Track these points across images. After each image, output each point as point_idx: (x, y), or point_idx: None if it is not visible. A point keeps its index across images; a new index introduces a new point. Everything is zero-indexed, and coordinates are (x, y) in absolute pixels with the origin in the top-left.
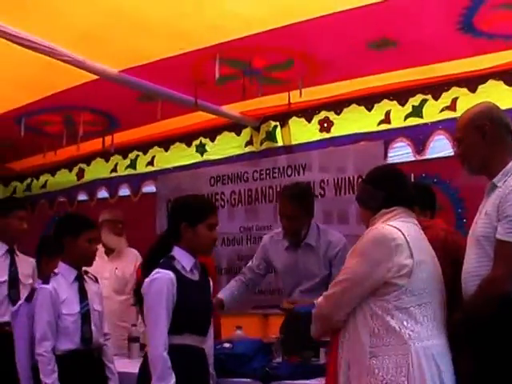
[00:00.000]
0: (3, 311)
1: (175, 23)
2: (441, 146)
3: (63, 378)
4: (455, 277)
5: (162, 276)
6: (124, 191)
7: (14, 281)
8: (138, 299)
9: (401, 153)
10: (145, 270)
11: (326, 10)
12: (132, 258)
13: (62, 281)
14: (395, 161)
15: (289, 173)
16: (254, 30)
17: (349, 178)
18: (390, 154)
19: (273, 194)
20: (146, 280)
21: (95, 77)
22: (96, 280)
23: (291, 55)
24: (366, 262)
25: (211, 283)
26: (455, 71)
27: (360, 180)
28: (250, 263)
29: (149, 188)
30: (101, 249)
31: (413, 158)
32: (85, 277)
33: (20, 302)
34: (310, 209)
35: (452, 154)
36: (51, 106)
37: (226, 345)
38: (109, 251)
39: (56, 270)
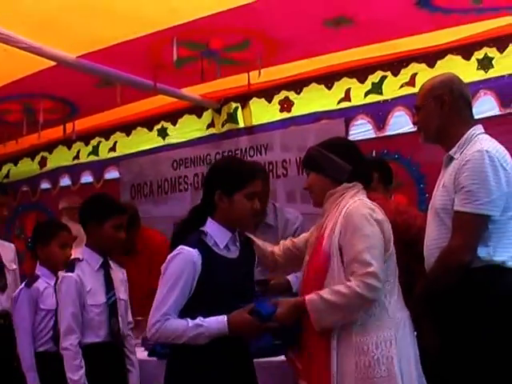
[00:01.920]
0: None
1: (131, 7)
2: (401, 122)
3: (86, 371)
4: (404, 256)
5: (185, 254)
6: (86, 178)
7: None
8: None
9: (362, 130)
10: (172, 245)
11: None
12: None
13: (87, 268)
14: (356, 138)
15: (251, 153)
16: (210, 11)
17: None
18: (350, 132)
19: None
20: (168, 256)
21: (53, 63)
22: (121, 265)
23: (248, 35)
24: (377, 239)
25: (256, 259)
26: (414, 47)
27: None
28: None
29: (112, 174)
30: None
31: (374, 135)
32: (110, 262)
33: (20, 287)
34: (269, 185)
35: (412, 130)
36: (9, 94)
37: None
38: None
39: (80, 256)
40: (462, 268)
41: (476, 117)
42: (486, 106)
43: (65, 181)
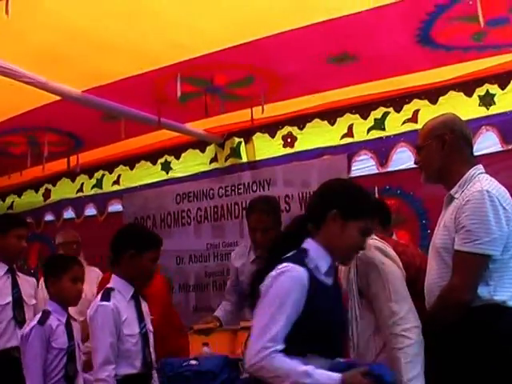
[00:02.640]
0: (10, 335)
1: (136, 42)
2: (403, 158)
3: None
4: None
5: (293, 272)
6: (90, 211)
7: (18, 302)
8: (252, 298)
9: (364, 166)
10: (268, 259)
11: (286, 27)
12: (93, 277)
13: (120, 297)
14: (359, 174)
15: (254, 188)
16: (215, 48)
17: (313, 192)
18: (353, 168)
19: (238, 210)
20: (271, 274)
21: (58, 97)
22: (144, 298)
23: (251, 72)
24: (395, 277)
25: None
26: (416, 84)
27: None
28: (228, 285)
29: (115, 207)
30: None
31: (376, 171)
32: None
33: (32, 324)
34: (280, 220)
35: (414, 166)
36: (14, 127)
37: (193, 362)
38: None
39: (110, 285)
40: (461, 307)
41: (478, 153)
42: (487, 142)
43: (69, 213)
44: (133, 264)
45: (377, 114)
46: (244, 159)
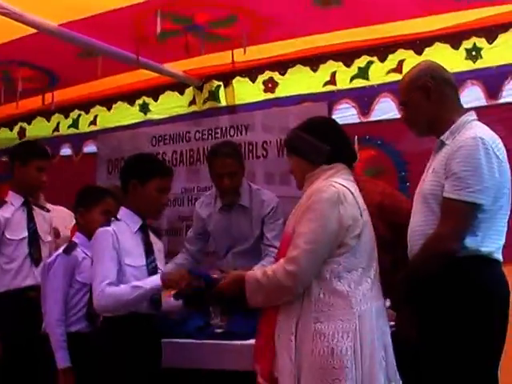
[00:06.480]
0: (26, 272)
1: None
2: (386, 109)
3: (124, 343)
4: (395, 240)
5: None
6: (65, 151)
7: (34, 238)
8: None
9: (345, 114)
10: None
11: None
12: (65, 217)
13: (125, 228)
14: (339, 122)
15: (231, 133)
16: None
17: None
18: (334, 116)
19: None
20: None
21: (34, 30)
22: (156, 233)
23: (235, 11)
24: (326, 223)
25: None
26: (402, 33)
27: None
28: (189, 233)
29: (90, 148)
30: None
31: (357, 120)
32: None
33: (57, 253)
34: (244, 165)
35: (397, 116)
36: None
37: None
38: None
39: (118, 216)
40: (448, 256)
41: None
42: (472, 96)
43: None
44: (137, 194)
45: (360, 62)
46: (223, 103)
